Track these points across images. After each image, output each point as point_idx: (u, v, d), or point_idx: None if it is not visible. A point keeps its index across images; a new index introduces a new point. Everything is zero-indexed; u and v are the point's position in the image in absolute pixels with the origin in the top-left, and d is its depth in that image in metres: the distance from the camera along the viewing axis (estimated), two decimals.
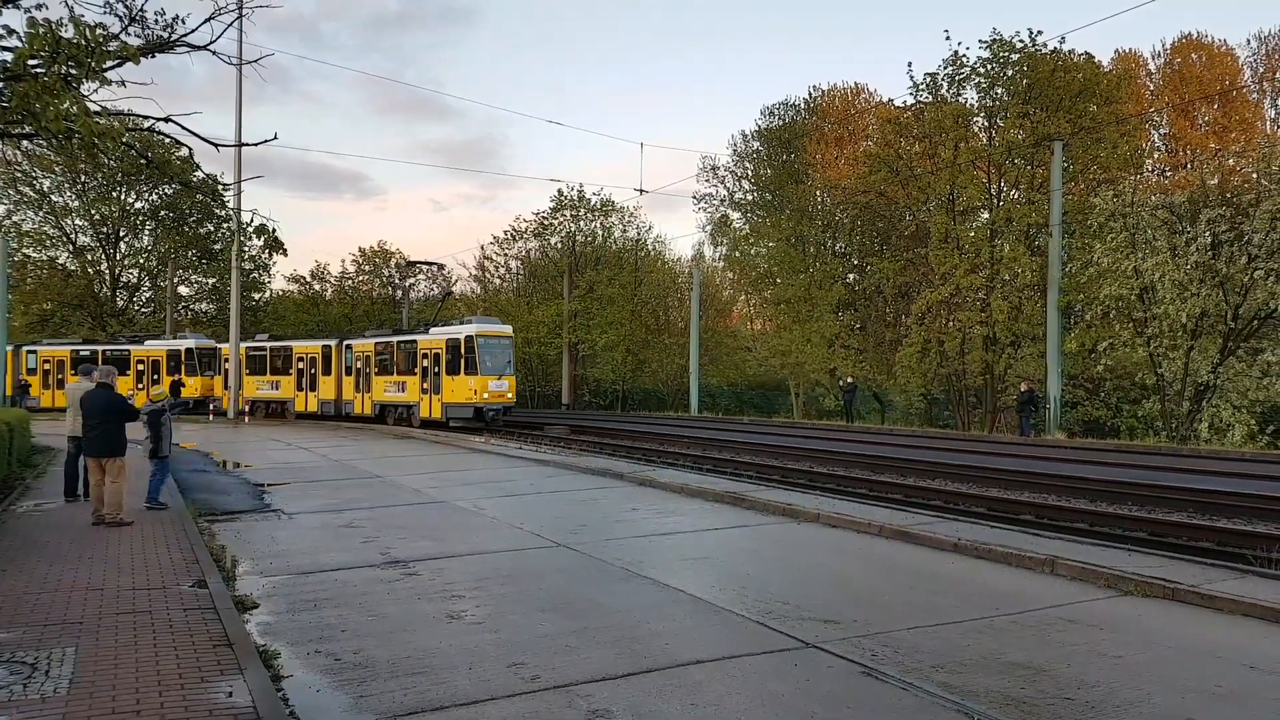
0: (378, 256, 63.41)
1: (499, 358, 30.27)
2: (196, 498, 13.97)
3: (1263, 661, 6.18)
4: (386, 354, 33.73)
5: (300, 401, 37.72)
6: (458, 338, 29.95)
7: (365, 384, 34.60)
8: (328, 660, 6.23)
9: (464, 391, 29.53)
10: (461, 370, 29.59)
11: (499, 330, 31.21)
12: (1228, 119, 46.43)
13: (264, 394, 39.10)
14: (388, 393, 33.26)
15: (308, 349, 38.01)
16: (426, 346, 31.38)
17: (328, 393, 36.37)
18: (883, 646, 6.51)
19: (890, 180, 38.88)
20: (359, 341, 35.64)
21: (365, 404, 34.57)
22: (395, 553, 9.90)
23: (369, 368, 34.40)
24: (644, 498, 14.38)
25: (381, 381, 33.70)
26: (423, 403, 31.44)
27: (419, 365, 31.55)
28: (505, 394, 30.20)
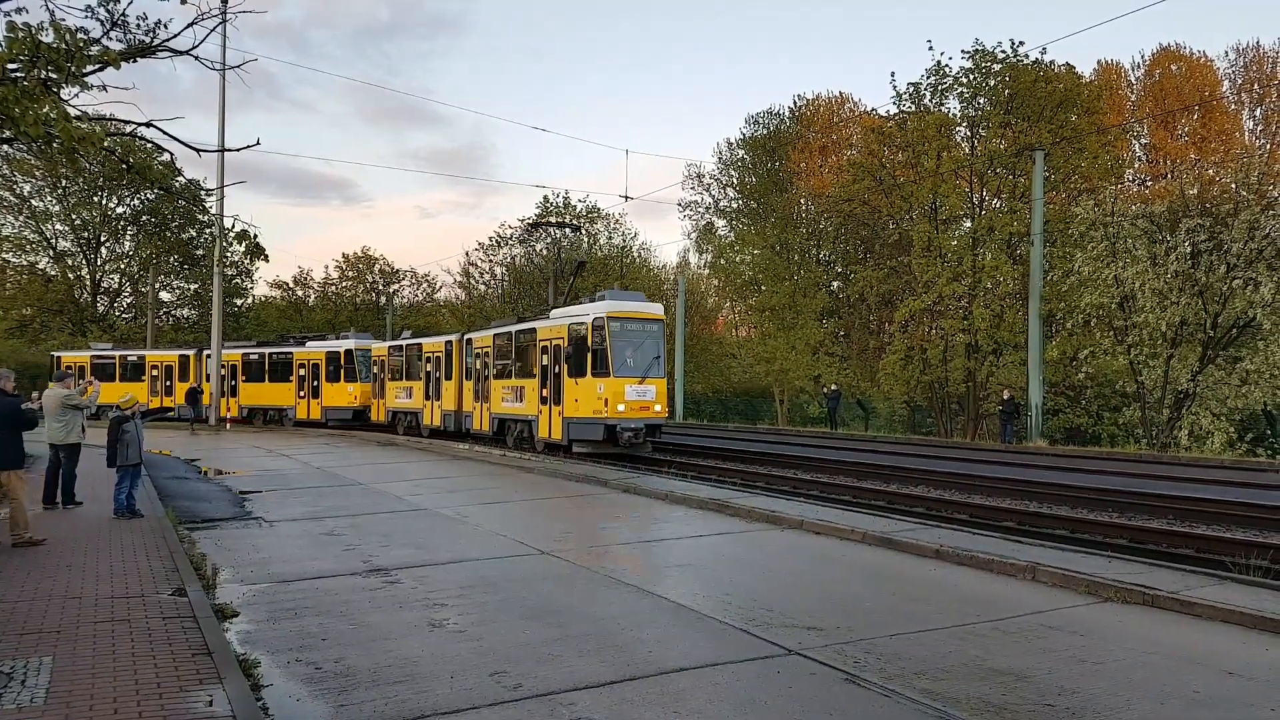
0: (361, 262, 63.19)
1: (642, 350, 20.93)
2: (177, 505, 13.85)
3: (1241, 668, 6.22)
4: (506, 349, 25.10)
5: (427, 415, 30.23)
6: (581, 322, 20.89)
7: (484, 390, 26.37)
8: (308, 669, 6.18)
9: (590, 401, 20.53)
10: (588, 370, 20.55)
11: (640, 309, 21.32)
12: (1207, 130, 46.97)
13: (404, 402, 32.02)
14: (506, 403, 24.62)
15: (433, 347, 30.30)
16: (547, 337, 22.45)
17: (449, 402, 28.64)
18: (865, 653, 6.52)
19: (874, 189, 39.13)
20: (480, 335, 27.32)
21: (483, 417, 26.17)
22: (377, 560, 9.84)
23: (488, 369, 26.05)
24: (628, 504, 14.36)
25: (500, 388, 25.11)
26: (541, 417, 22.36)
27: (537, 364, 22.66)
28: (650, 405, 20.67)
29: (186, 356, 40.92)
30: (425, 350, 30.57)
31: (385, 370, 33.30)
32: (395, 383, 32.53)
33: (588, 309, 21.32)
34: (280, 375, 37.49)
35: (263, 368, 38.45)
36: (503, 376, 24.96)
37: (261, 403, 38.49)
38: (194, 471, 20.00)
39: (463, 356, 27.99)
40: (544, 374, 22.28)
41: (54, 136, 8.16)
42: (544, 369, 22.30)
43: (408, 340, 32.55)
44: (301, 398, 36.40)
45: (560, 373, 21.43)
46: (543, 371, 22.35)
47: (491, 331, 26.33)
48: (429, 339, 31.28)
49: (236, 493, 16.01)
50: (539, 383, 22.50)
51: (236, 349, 40.07)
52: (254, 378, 38.77)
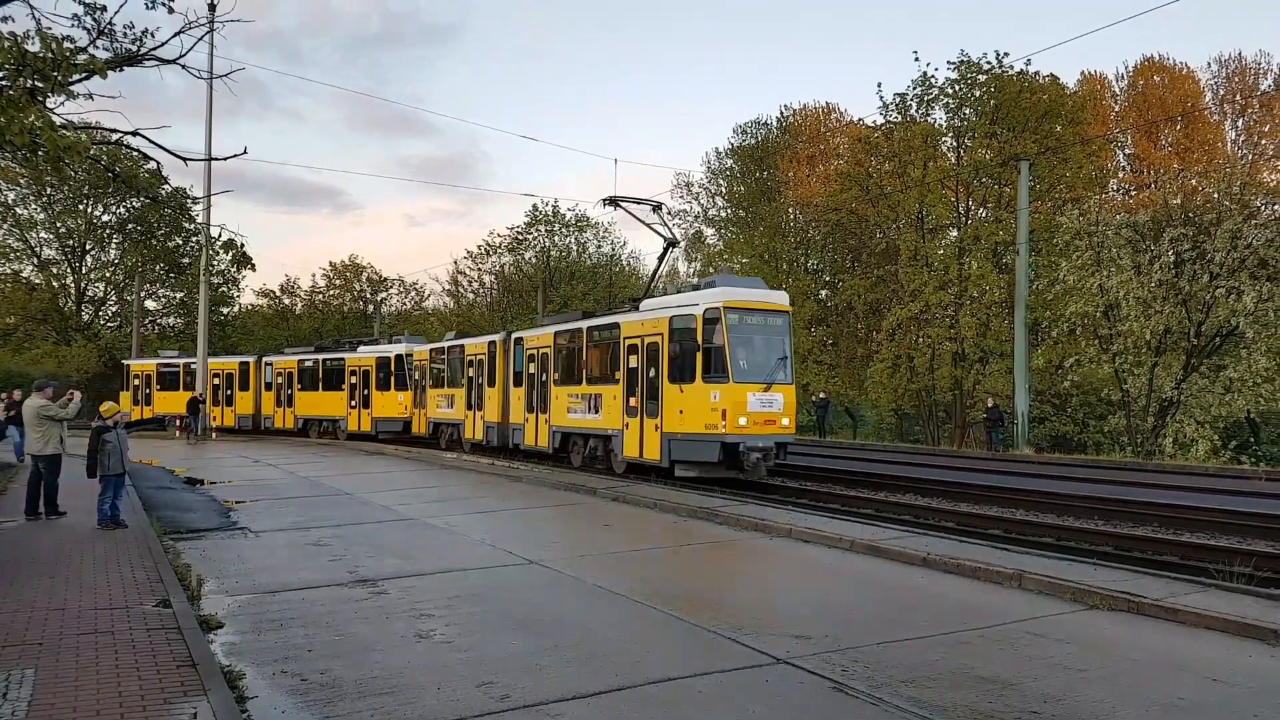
0: (349, 271, 63.04)
1: (766, 349, 17.16)
2: (162, 515, 13.74)
3: (1224, 674, 6.26)
4: (573, 349, 21.24)
5: (469, 428, 26.80)
6: (688, 313, 17.06)
7: (539, 399, 22.49)
8: (294, 680, 6.15)
9: (700, 413, 16.61)
10: (697, 374, 16.66)
11: (764, 298, 17.56)
12: (1189, 140, 47.39)
13: (445, 413, 28.77)
14: (574, 414, 20.70)
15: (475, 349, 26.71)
16: (636, 333, 18.48)
17: (493, 413, 25.22)
18: (853, 662, 6.53)
19: (861, 198, 39.33)
20: (535, 333, 23.53)
21: (539, 430, 22.36)
22: (364, 571, 9.80)
23: (545, 372, 22.26)
24: (616, 514, 14.35)
25: (564, 396, 21.24)
26: (627, 432, 18.59)
27: (621, 366, 18.92)
28: (777, 418, 16.80)
29: (246, 364, 39.60)
30: (468, 353, 26.92)
31: (426, 376, 30.12)
32: (437, 390, 29.25)
33: (695, 298, 17.30)
34: (333, 384, 35.29)
35: (317, 375, 36.32)
36: (569, 382, 21.02)
37: (317, 413, 36.25)
38: (179, 481, 19.88)
39: (510, 359, 24.25)
40: (631, 379, 18.39)
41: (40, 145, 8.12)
42: (631, 373, 18.37)
43: (449, 342, 29.07)
44: (352, 408, 34.01)
45: (657, 378, 17.55)
46: (630, 376, 18.41)
47: (551, 328, 22.38)
48: (471, 340, 27.50)
49: (222, 503, 15.91)
50: (624, 390, 18.56)
51: (293, 355, 38.35)
52: (309, 386, 36.63)
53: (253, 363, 39.52)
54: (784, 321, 17.61)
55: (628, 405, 18.50)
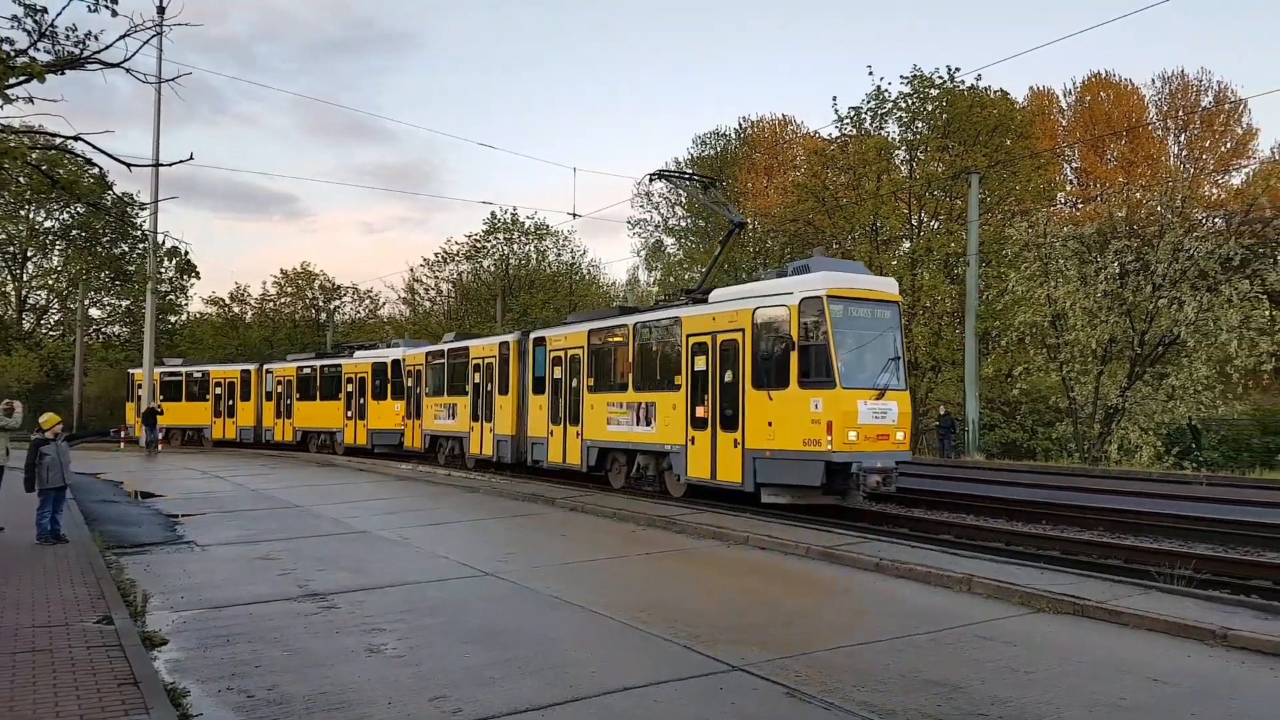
0: (300, 278, 62.15)
1: (877, 348, 14.36)
2: (104, 530, 13.43)
3: (1165, 674, 6.40)
4: (611, 350, 18.52)
5: (475, 441, 23.77)
6: (779, 304, 14.26)
7: (567, 409, 19.64)
8: (240, 697, 6.03)
9: (796, 425, 13.77)
10: (791, 378, 13.86)
11: (873, 286, 14.82)
12: (1134, 154, 48.62)
13: (444, 424, 25.69)
14: (615, 426, 17.91)
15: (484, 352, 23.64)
16: (704, 329, 15.67)
17: (505, 424, 22.05)
18: (806, 667, 6.57)
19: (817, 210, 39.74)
20: (559, 332, 20.44)
21: (568, 445, 19.48)
22: (314, 585, 9.65)
23: (576, 377, 19.39)
24: (574, 524, 14.30)
25: (602, 406, 18.34)
26: (693, 448, 15.69)
27: (683, 369, 15.97)
28: (892, 432, 13.98)
29: (248, 372, 37.25)
30: (473, 356, 24.02)
31: (423, 383, 26.98)
32: (435, 399, 26.03)
33: (787, 286, 14.32)
34: (331, 393, 32.55)
35: (314, 384, 33.57)
36: (608, 388, 18.28)
37: (314, 424, 33.60)
38: (123, 494, 19.42)
39: (527, 363, 21.24)
40: (698, 385, 15.58)
41: None
42: (698, 377, 15.61)
43: (449, 344, 26.03)
44: (349, 419, 31.37)
45: (736, 384, 14.73)
46: (696, 381, 15.63)
47: (582, 326, 19.48)
48: (478, 341, 24.62)
49: (168, 516, 15.57)
50: (687, 398, 15.74)
51: (293, 362, 35.88)
52: (307, 396, 33.92)
53: (254, 371, 37.11)
54: (894, 314, 14.80)
55: (692, 416, 15.62)
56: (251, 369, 37.26)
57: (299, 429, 34.26)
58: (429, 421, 26.46)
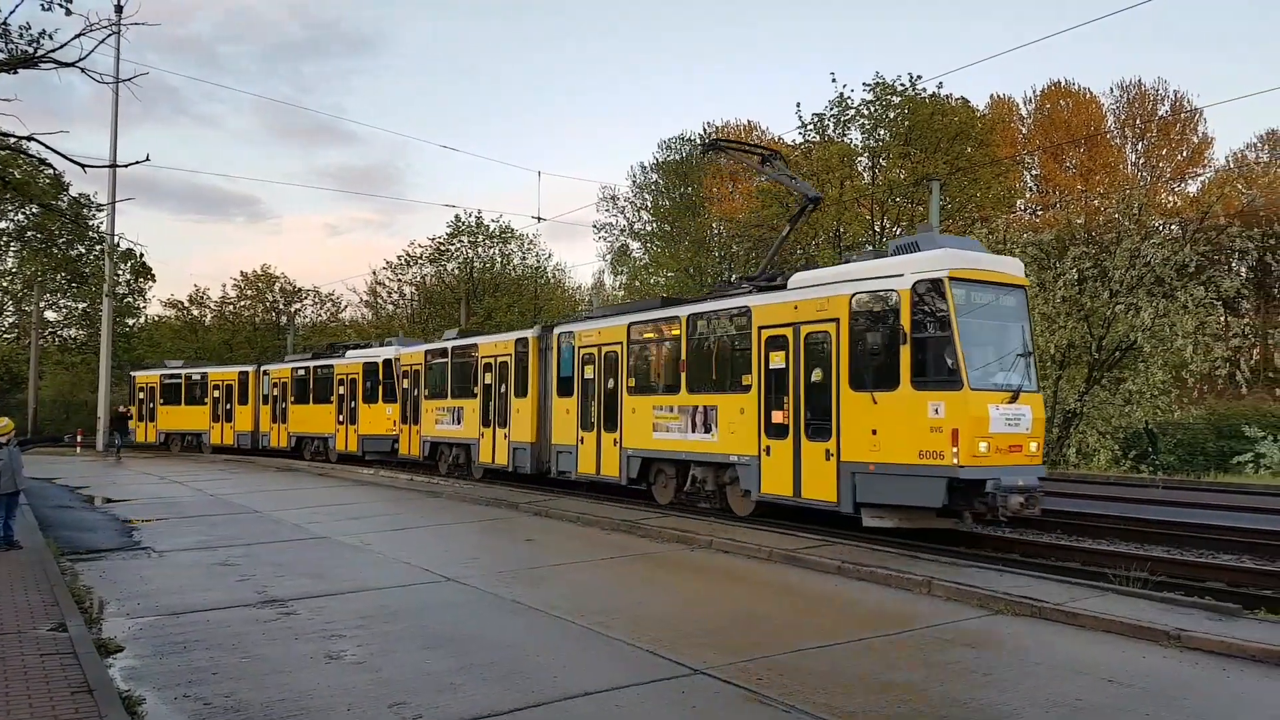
0: (261, 281, 61.35)
1: (1005, 341, 12.28)
2: (59, 535, 13.18)
3: (1120, 675, 6.52)
4: (657, 346, 16.55)
5: (485, 449, 21.45)
6: (887, 289, 12.03)
7: (607, 413, 17.25)
8: (196, 705, 5.94)
9: (911, 433, 11.59)
10: (901, 377, 11.71)
11: (998, 268, 12.52)
12: (1093, 162, 49.50)
13: (447, 430, 23.28)
14: (665, 434, 15.67)
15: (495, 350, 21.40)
16: (783, 320, 13.45)
17: (523, 430, 19.95)
18: (768, 670, 6.60)
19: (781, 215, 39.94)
20: (592, 326, 18.15)
21: (603, 453, 17.21)
22: (273, 591, 9.53)
23: (614, 378, 17.12)
24: (539, 529, 14.25)
25: (646, 409, 16.18)
26: (768, 459, 13.50)
27: (755, 367, 13.79)
28: (1026, 442, 11.72)
29: (246, 374, 35.44)
30: (483, 354, 21.79)
31: (420, 385, 24.62)
32: (436, 402, 23.66)
33: (896, 265, 12.04)
34: (324, 395, 30.54)
35: (308, 386, 31.53)
36: (653, 390, 16.19)
37: (308, 429, 31.50)
38: (79, 500, 19.06)
39: (551, 362, 19.25)
40: (775, 385, 13.37)
41: None
42: (775, 376, 13.36)
43: (453, 341, 23.84)
44: (340, 423, 29.30)
45: (828, 382, 12.48)
46: (772, 381, 13.39)
47: (621, 320, 17.14)
48: (488, 338, 22.37)
49: (125, 522, 15.32)
50: (760, 400, 13.55)
51: (289, 363, 33.77)
52: (301, 399, 32.04)
53: (252, 373, 35.22)
54: (1022, 300, 12.58)
55: (767, 422, 13.46)
56: (250, 370, 35.54)
57: (294, 434, 32.42)
58: (429, 427, 24.02)
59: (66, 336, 55.67)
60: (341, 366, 29.66)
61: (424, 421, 24.28)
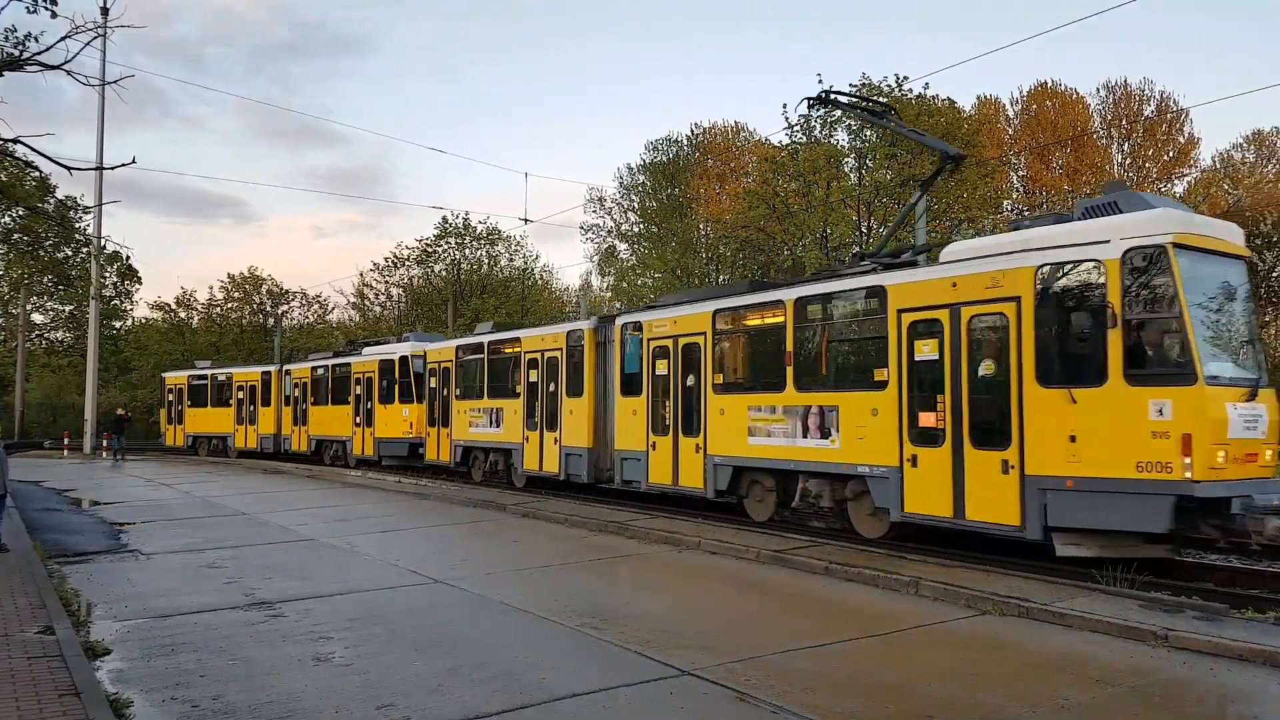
0: (248, 283, 61.12)
1: (1237, 325, 10.22)
2: (46, 538, 13.11)
3: (1106, 674, 6.57)
4: (751, 337, 14.50)
5: (530, 455, 19.33)
6: (1087, 261, 9.91)
7: (685, 415, 15.09)
8: (184, 707, 5.92)
9: (1125, 439, 9.35)
10: (1109, 368, 9.49)
11: (1223, 237, 10.18)
12: (1079, 162, 49.72)
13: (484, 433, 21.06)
14: (764, 438, 13.52)
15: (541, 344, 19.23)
16: (927, 302, 11.31)
17: (576, 434, 17.85)
18: (756, 671, 6.62)
19: (768, 216, 40.05)
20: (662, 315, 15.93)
21: (684, 461, 15.03)
22: (260, 593, 9.50)
23: (695, 374, 14.91)
24: (526, 530, 14.25)
25: (739, 409, 14.00)
26: (913, 472, 11.26)
27: (893, 360, 11.60)
28: (1262, 450, 9.57)
29: (269, 374, 33.88)
30: (527, 349, 19.64)
31: (450, 383, 22.60)
32: (469, 403, 21.68)
33: (1097, 229, 9.92)
34: (341, 396, 28.87)
35: (327, 386, 29.82)
36: (743, 388, 14.14)
37: (327, 432, 29.76)
38: (67, 503, 18.95)
39: (609, 357, 17.23)
40: (917, 380, 11.21)
41: None
42: (919, 370, 11.19)
43: (489, 336, 21.60)
44: (357, 425, 27.56)
45: (1005, 378, 10.30)
46: (915, 375, 11.22)
47: (705, 306, 14.93)
48: (534, 331, 20.26)
49: (112, 524, 15.25)
50: (901, 399, 11.30)
51: (310, 362, 32.07)
52: (320, 400, 30.26)
53: (274, 373, 33.66)
54: (1245, 276, 10.44)
55: (912, 426, 11.14)
56: (272, 370, 34.01)
57: (313, 437, 30.55)
58: (461, 430, 21.90)
59: (53, 339, 55.33)
60: (358, 365, 27.94)
61: (455, 424, 22.24)
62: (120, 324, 56.15)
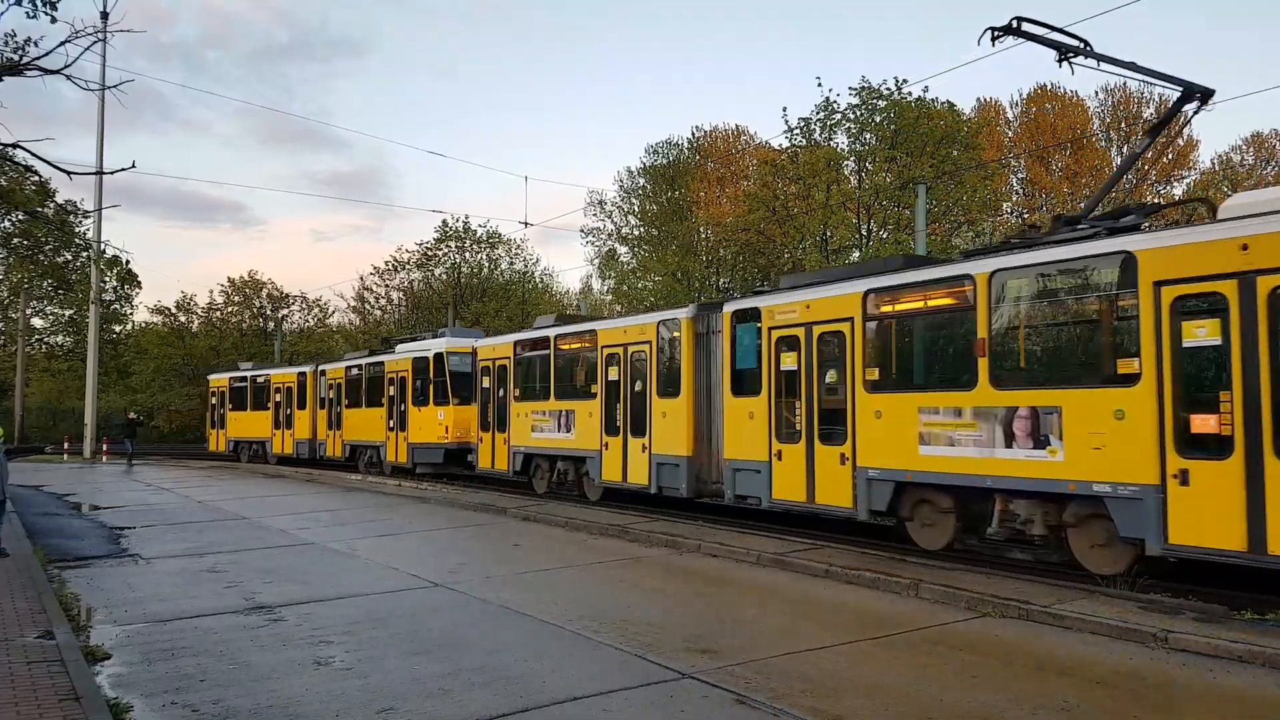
0: (248, 287, 61.16)
1: None
2: (46, 543, 13.12)
3: (1107, 677, 6.57)
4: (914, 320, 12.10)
5: (610, 464, 16.97)
6: None
7: (821, 416, 12.75)
8: (184, 712, 5.93)
9: None
10: None
11: None
12: (1079, 165, 49.77)
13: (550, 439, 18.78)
14: (935, 447, 11.06)
15: (625, 336, 16.86)
16: (1201, 268, 8.73)
17: (671, 441, 15.52)
18: (756, 674, 6.62)
19: (769, 219, 40.09)
20: (790, 300, 13.49)
21: (818, 474, 12.61)
22: (260, 598, 9.51)
23: (840, 369, 12.44)
24: (527, 534, 14.25)
25: (902, 412, 11.51)
26: (1182, 494, 8.68)
27: (1152, 347, 9.03)
28: None
29: (304, 375, 31.91)
30: (605, 343, 17.23)
31: (506, 383, 20.27)
32: (531, 404, 19.36)
33: None
34: (376, 398, 26.90)
35: (360, 387, 27.99)
36: (903, 385, 11.72)
37: (361, 437, 27.78)
38: (66, 507, 18.95)
39: (715, 351, 14.97)
40: (1186, 374, 9.01)
41: None
42: (1188, 361, 9.02)
43: (558, 329, 19.28)
44: (391, 429, 25.65)
45: None
46: (1181, 368, 8.97)
47: (852, 286, 12.32)
48: (613, 324, 17.85)
49: (112, 529, 15.25)
50: (1158, 400, 8.99)
51: (345, 361, 30.32)
52: (355, 402, 28.38)
53: (310, 373, 31.72)
54: None
55: (1179, 432, 8.84)
56: (308, 371, 32.00)
57: (348, 442, 28.65)
58: (521, 435, 19.68)
59: (53, 343, 55.35)
60: (391, 363, 25.97)
61: (514, 429, 19.92)
62: (120, 328, 56.19)
